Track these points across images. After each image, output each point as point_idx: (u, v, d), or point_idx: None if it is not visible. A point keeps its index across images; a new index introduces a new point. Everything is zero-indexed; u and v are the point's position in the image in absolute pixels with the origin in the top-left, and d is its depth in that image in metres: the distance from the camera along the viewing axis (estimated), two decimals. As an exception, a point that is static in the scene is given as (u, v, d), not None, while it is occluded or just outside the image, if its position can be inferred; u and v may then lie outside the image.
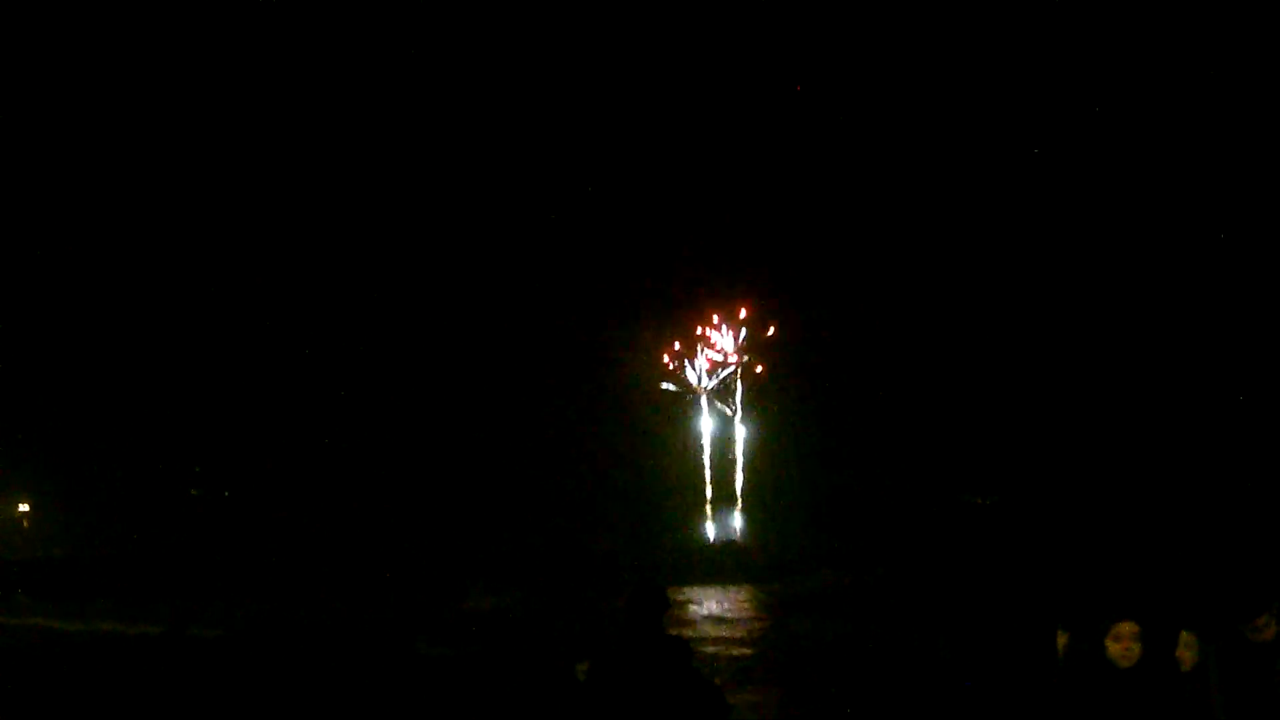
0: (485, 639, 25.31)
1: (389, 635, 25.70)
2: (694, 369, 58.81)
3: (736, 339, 58.89)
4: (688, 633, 25.37)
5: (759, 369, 58.82)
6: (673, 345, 58.41)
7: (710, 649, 25.64)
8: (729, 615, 33.73)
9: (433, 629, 27.07)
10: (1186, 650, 7.90)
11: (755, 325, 58.93)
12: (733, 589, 40.71)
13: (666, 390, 58.80)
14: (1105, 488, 55.95)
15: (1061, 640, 8.49)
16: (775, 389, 59.38)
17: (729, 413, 59.25)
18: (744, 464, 59.61)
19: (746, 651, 26.10)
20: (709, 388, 58.88)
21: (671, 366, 58.52)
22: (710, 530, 57.24)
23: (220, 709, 16.90)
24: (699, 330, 58.66)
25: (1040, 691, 8.47)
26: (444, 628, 27.48)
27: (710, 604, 35.66)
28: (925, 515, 57.54)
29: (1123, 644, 7.22)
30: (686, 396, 59.08)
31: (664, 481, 59.21)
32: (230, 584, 36.81)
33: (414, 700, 18.02)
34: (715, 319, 58.65)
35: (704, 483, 59.33)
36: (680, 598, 33.95)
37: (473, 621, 29.18)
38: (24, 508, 60.75)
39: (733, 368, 59.03)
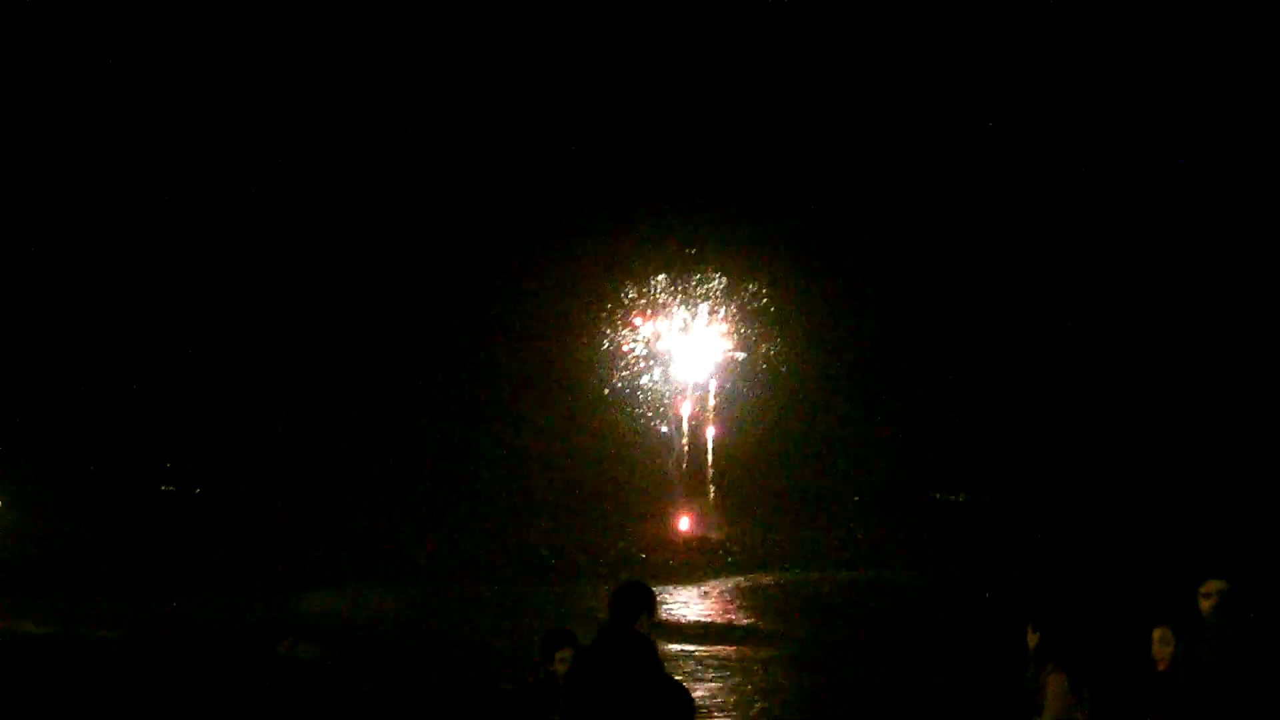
0: (355, 642, 25.56)
1: (252, 637, 25.69)
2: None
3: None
4: (658, 630, 25.30)
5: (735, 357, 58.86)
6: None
7: (679, 645, 25.61)
8: (699, 612, 33.70)
9: (298, 631, 27.16)
10: (1164, 647, 7.84)
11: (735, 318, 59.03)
12: (705, 585, 40.66)
13: (639, 386, 58.79)
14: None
15: (1032, 639, 8.43)
16: (751, 386, 59.42)
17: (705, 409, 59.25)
18: (715, 459, 59.60)
19: (716, 650, 26.06)
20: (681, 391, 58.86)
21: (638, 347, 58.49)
22: (684, 525, 57.09)
23: (97, 711, 16.87)
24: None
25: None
26: (311, 631, 27.58)
27: (682, 600, 35.60)
28: (898, 513, 57.68)
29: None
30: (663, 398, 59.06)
31: (635, 476, 59.13)
32: (157, 581, 36.57)
33: (277, 702, 18.07)
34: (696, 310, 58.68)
35: (678, 477, 59.30)
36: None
37: (336, 623, 29.26)
38: (-6, 504, 60.12)
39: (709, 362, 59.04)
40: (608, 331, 58.98)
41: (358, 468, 58.40)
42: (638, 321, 58.74)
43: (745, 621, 31.75)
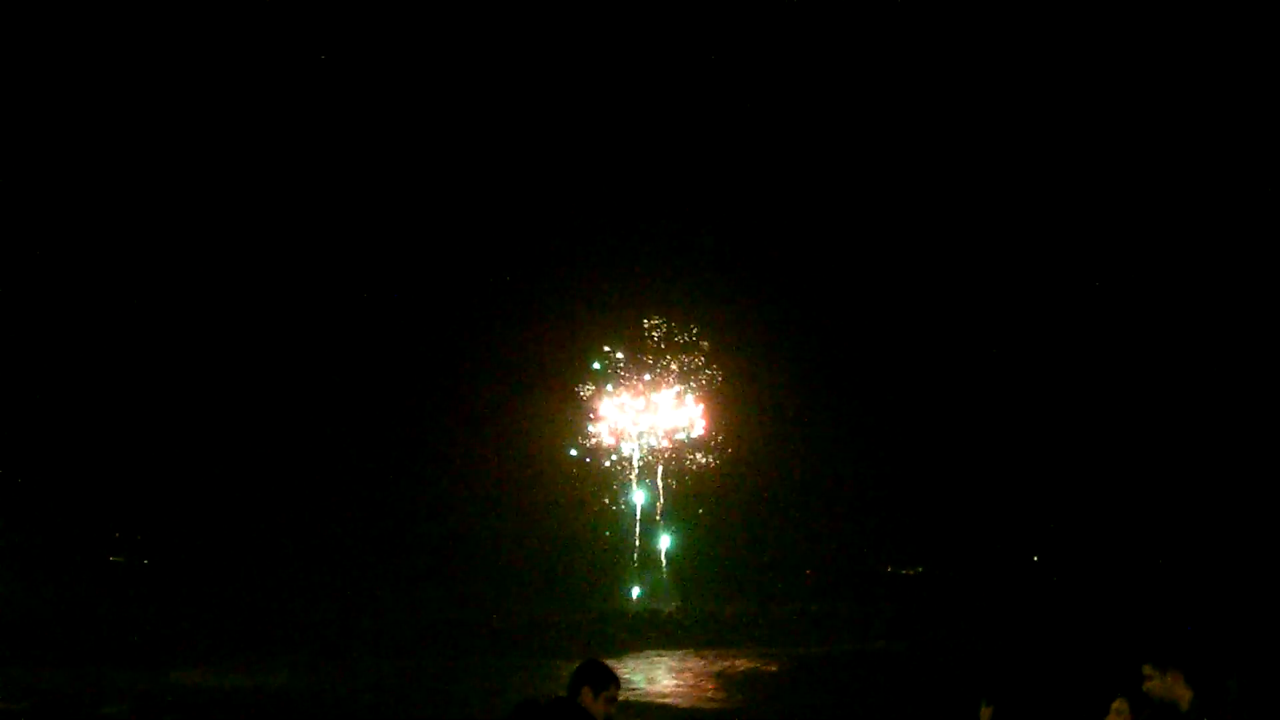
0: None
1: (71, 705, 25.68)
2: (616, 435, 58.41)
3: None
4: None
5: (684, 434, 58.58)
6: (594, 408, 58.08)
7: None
8: (646, 686, 33.23)
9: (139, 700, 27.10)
10: (1118, 718, 7.72)
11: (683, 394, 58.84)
12: (658, 658, 40.13)
13: (585, 458, 58.40)
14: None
15: (985, 714, 8.22)
16: (701, 462, 59.10)
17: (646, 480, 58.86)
18: (665, 529, 59.20)
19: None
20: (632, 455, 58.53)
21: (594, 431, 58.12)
22: (634, 598, 56.51)
23: None
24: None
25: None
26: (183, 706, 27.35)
27: (636, 675, 35.09)
28: (853, 586, 57.50)
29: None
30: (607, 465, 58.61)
31: (582, 548, 58.67)
32: (76, 651, 36.21)
33: None
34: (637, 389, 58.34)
35: (630, 548, 58.88)
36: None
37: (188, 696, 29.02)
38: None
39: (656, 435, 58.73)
40: (559, 404, 58.70)
41: (306, 540, 57.75)
42: (592, 391, 58.47)
43: (691, 696, 31.33)
